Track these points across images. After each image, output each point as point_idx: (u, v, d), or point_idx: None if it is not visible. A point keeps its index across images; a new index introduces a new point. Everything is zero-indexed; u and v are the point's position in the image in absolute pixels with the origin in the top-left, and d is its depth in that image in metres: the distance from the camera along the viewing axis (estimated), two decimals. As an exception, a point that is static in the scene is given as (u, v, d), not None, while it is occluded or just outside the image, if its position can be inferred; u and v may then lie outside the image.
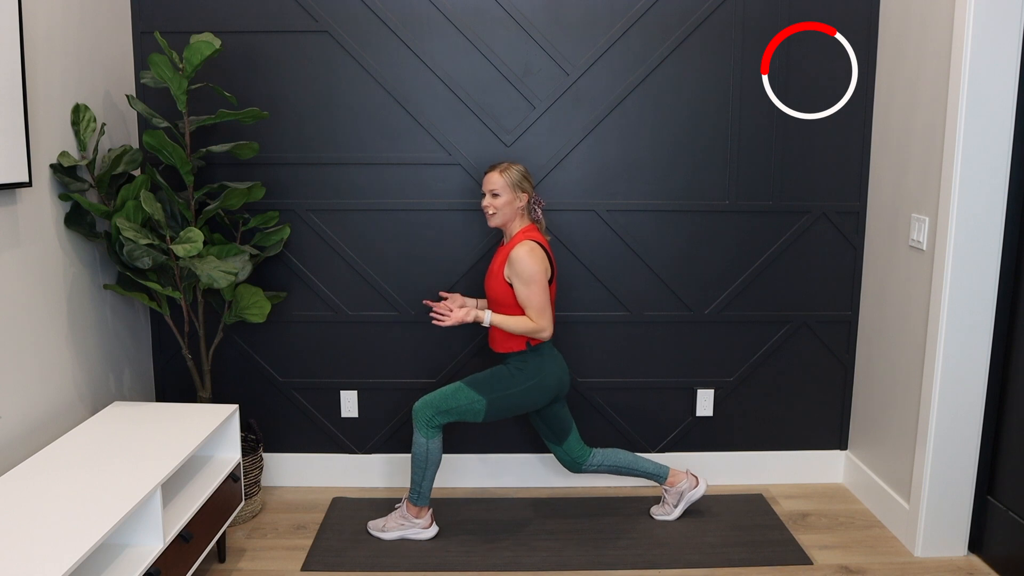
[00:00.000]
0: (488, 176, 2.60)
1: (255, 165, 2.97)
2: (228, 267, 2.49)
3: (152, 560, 1.97)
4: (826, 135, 3.00)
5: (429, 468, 2.65)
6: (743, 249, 3.06)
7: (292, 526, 2.85)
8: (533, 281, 2.49)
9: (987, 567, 2.59)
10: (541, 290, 2.50)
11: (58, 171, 2.39)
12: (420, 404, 2.63)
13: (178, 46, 2.88)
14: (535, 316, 2.51)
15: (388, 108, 2.94)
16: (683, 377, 3.15)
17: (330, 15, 2.88)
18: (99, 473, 2.05)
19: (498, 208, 2.58)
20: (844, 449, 3.22)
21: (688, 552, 2.67)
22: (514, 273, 2.51)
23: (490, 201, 2.59)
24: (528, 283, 2.49)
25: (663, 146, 2.98)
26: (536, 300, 2.50)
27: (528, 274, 2.49)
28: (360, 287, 3.05)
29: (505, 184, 2.57)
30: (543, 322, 2.52)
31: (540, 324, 2.52)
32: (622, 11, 2.89)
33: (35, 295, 2.32)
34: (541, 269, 2.50)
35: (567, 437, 2.79)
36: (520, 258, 2.49)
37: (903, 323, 2.77)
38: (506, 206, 2.58)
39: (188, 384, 3.11)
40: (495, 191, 2.58)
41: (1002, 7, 2.35)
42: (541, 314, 2.51)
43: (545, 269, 2.53)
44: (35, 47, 2.31)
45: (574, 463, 2.81)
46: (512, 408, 2.63)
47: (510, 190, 2.58)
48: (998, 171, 2.43)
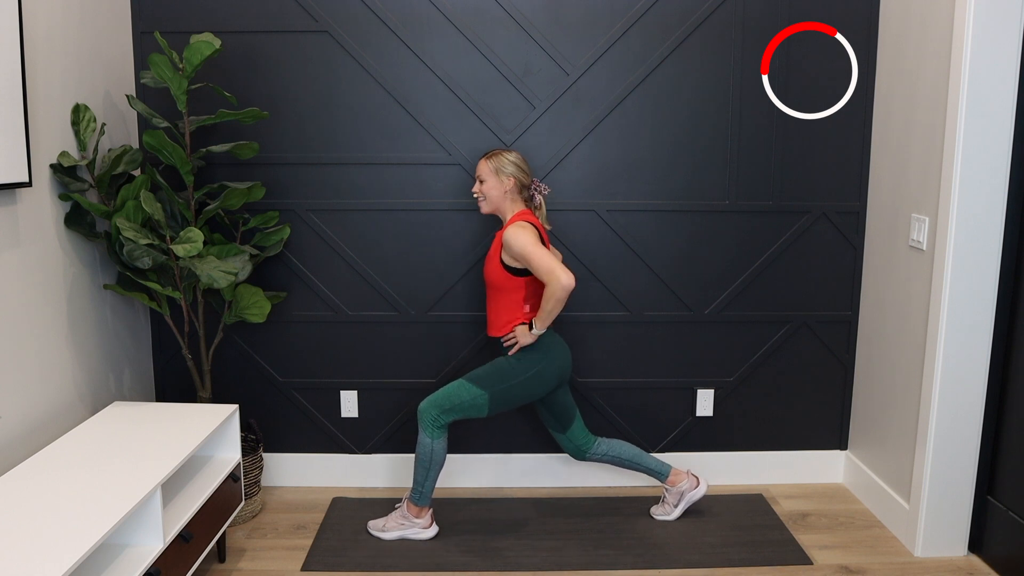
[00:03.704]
0: (478, 163, 2.68)
1: (255, 165, 2.97)
2: (228, 267, 2.49)
3: (152, 560, 1.97)
4: (826, 135, 3.00)
5: (433, 469, 2.65)
6: (743, 249, 3.06)
7: (292, 526, 2.85)
8: (527, 247, 2.47)
9: (987, 567, 2.59)
10: (540, 252, 2.46)
11: (58, 171, 2.39)
12: (424, 404, 2.64)
13: (178, 46, 2.88)
14: (546, 275, 2.44)
15: (388, 108, 2.94)
16: (683, 377, 3.15)
17: (330, 15, 2.88)
18: (99, 473, 2.05)
19: (483, 194, 2.64)
20: (844, 449, 3.22)
21: (688, 552, 2.67)
22: (512, 254, 2.52)
23: (477, 187, 2.66)
24: (525, 253, 2.47)
25: (663, 146, 2.98)
26: (540, 264, 2.45)
27: (520, 246, 2.48)
28: (360, 287, 3.05)
29: (489, 170, 2.62)
30: (554, 277, 2.43)
31: (553, 280, 2.43)
32: (622, 11, 2.89)
33: (35, 295, 2.32)
34: (531, 236, 2.49)
35: (571, 425, 2.79)
36: (510, 237, 2.50)
37: (903, 323, 2.77)
38: (491, 191, 2.62)
39: (188, 384, 3.11)
40: (480, 177, 2.64)
41: (1002, 7, 2.35)
42: (550, 273, 2.43)
43: (536, 236, 2.52)
44: (35, 47, 2.31)
45: (578, 450, 2.81)
46: (515, 399, 2.63)
47: (494, 176, 2.61)
48: (998, 171, 2.43)
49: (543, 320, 2.51)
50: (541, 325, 2.53)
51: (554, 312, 2.48)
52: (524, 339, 2.58)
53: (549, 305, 2.47)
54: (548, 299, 2.46)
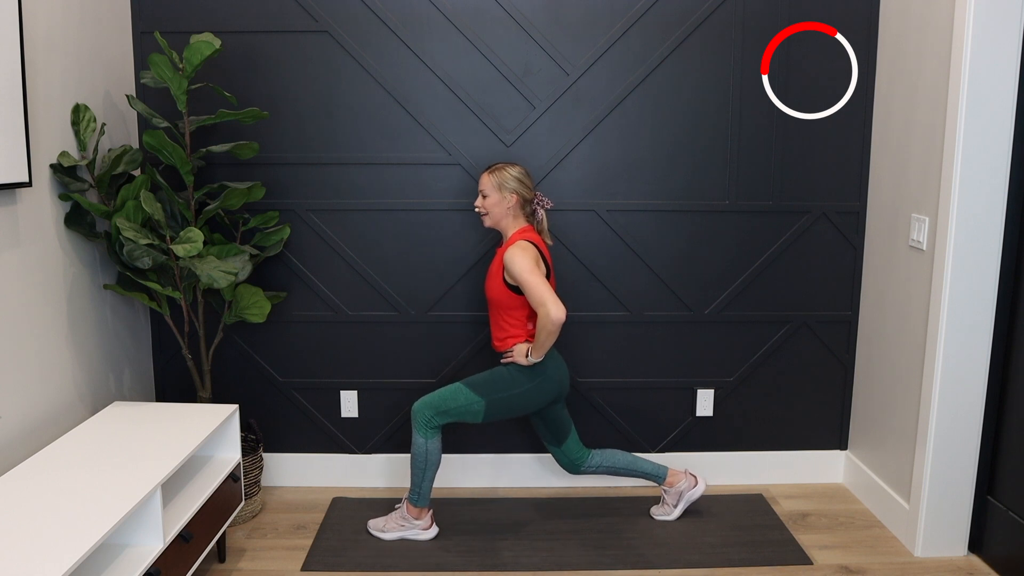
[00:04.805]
0: (480, 177, 2.64)
1: (255, 165, 2.97)
2: (228, 267, 2.49)
3: (152, 560, 1.97)
4: (826, 135, 3.00)
5: (429, 469, 2.65)
6: (743, 249, 3.06)
7: (292, 526, 2.85)
8: (524, 274, 2.47)
9: (987, 567, 2.59)
10: (535, 279, 2.46)
11: (58, 171, 2.39)
12: (419, 405, 2.63)
13: (178, 46, 2.88)
14: (538, 307, 2.46)
15: (388, 108, 2.94)
16: (683, 377, 3.15)
17: (330, 15, 2.88)
18: (99, 473, 2.05)
19: (487, 209, 2.62)
20: (844, 449, 3.22)
21: (688, 552, 2.67)
22: (511, 275, 2.52)
23: (480, 202, 2.64)
24: (522, 280, 2.47)
25: (663, 146, 2.98)
26: (534, 292, 2.46)
27: (518, 269, 2.48)
28: (360, 287, 3.05)
29: (492, 185, 2.60)
30: (544, 310, 2.43)
31: (543, 313, 2.44)
32: (622, 11, 2.89)
33: (35, 295, 2.32)
34: (531, 259, 2.49)
35: (566, 439, 2.79)
36: (511, 258, 2.50)
37: (903, 323, 2.77)
38: (494, 207, 2.61)
39: (188, 384, 3.11)
40: (483, 192, 2.62)
41: (1002, 7, 2.35)
42: (542, 305, 2.44)
43: (536, 259, 2.51)
44: (35, 47, 2.31)
45: (572, 464, 2.81)
46: (511, 409, 2.63)
47: (496, 191, 2.59)
48: (998, 171, 2.43)
49: (539, 349, 2.52)
50: (538, 354, 2.53)
51: (547, 343, 2.49)
52: (520, 360, 2.59)
53: (542, 336, 2.48)
54: (540, 331, 2.48)
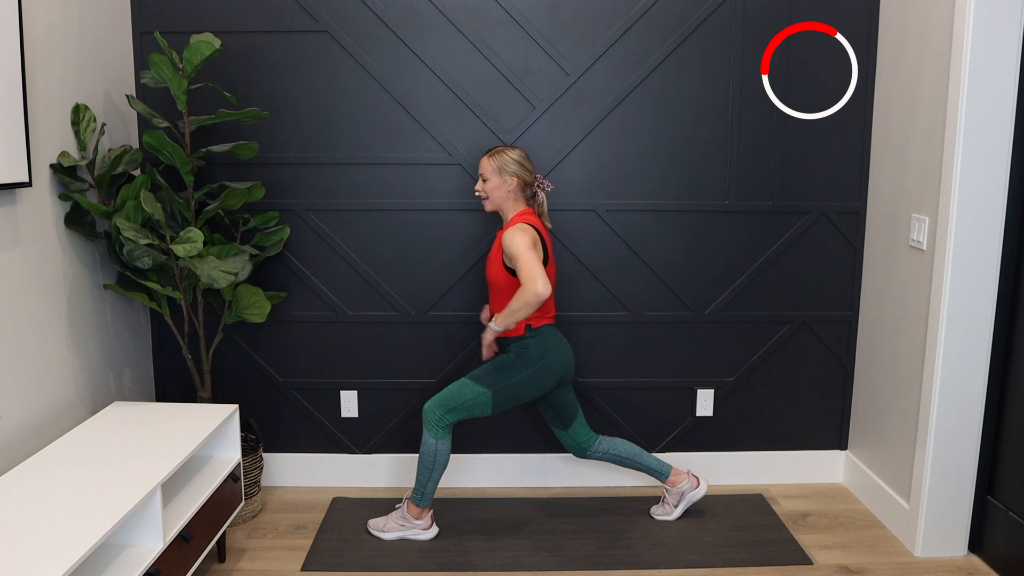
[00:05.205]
0: (480, 161, 2.66)
1: (255, 165, 2.97)
2: (228, 267, 2.49)
3: (152, 560, 1.97)
4: (826, 135, 3.00)
5: (436, 470, 2.65)
6: (743, 249, 3.06)
7: (292, 526, 2.85)
8: (519, 251, 2.46)
9: (987, 567, 2.59)
10: (529, 256, 2.44)
11: (58, 171, 2.39)
12: (429, 405, 2.64)
13: (178, 46, 2.88)
14: (525, 280, 2.42)
15: (388, 108, 2.94)
16: (683, 377, 3.15)
17: (330, 15, 2.88)
18: (99, 473, 2.05)
19: (487, 192, 2.63)
20: (844, 449, 3.22)
21: (688, 552, 2.67)
22: (508, 256, 2.52)
23: (480, 185, 2.65)
24: (516, 254, 2.46)
25: (663, 146, 2.98)
26: (525, 266, 2.43)
27: (513, 247, 2.47)
28: (360, 287, 3.05)
29: (492, 168, 2.61)
30: (532, 282, 2.40)
31: (529, 285, 2.41)
32: (622, 11, 2.89)
33: (35, 295, 2.32)
34: (528, 239, 2.48)
35: (573, 422, 2.79)
36: (509, 237, 2.50)
37: (903, 323, 2.77)
38: (495, 190, 2.62)
39: (188, 384, 3.11)
40: (484, 175, 2.63)
41: (1002, 7, 2.35)
42: (531, 277, 2.41)
43: (534, 240, 2.50)
44: (35, 47, 2.31)
45: (579, 448, 2.81)
46: (518, 396, 2.63)
47: (497, 175, 2.60)
48: (998, 171, 2.43)
49: (504, 318, 2.49)
50: (501, 323, 2.51)
51: (518, 314, 2.46)
52: (489, 336, 2.61)
53: (516, 304, 2.45)
54: (517, 298, 2.44)
